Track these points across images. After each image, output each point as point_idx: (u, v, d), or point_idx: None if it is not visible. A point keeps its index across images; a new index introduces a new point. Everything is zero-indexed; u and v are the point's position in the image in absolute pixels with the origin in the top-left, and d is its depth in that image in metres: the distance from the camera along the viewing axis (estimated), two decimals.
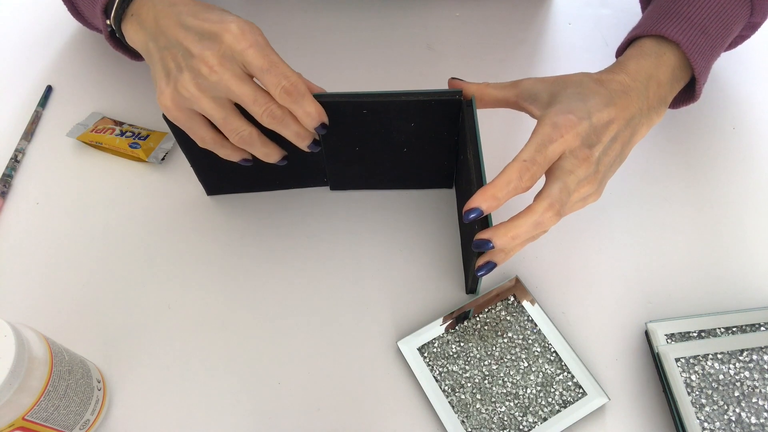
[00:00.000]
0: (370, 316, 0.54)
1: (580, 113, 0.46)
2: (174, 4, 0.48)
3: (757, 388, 0.48)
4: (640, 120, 0.49)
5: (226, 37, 0.45)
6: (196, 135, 0.49)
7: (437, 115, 0.52)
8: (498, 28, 0.73)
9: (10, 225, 0.60)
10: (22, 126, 0.66)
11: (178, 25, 0.47)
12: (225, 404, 0.50)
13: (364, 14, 0.75)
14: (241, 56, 0.45)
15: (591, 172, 0.46)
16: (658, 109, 0.50)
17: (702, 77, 0.52)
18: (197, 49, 0.45)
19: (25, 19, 0.76)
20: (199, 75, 0.45)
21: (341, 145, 0.55)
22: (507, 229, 0.44)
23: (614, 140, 0.47)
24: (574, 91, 0.48)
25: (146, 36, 0.49)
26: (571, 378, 0.50)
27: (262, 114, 0.47)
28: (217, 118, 0.47)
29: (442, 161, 0.57)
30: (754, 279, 0.55)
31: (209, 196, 0.61)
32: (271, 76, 0.45)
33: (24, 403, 0.41)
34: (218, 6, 0.49)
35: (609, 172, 0.48)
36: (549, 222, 0.45)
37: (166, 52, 0.47)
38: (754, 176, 0.61)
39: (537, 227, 0.45)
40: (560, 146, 0.45)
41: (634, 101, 0.48)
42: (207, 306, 0.55)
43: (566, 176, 0.45)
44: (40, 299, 0.55)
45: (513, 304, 0.53)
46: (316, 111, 0.48)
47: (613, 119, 0.47)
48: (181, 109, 0.47)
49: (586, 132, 0.45)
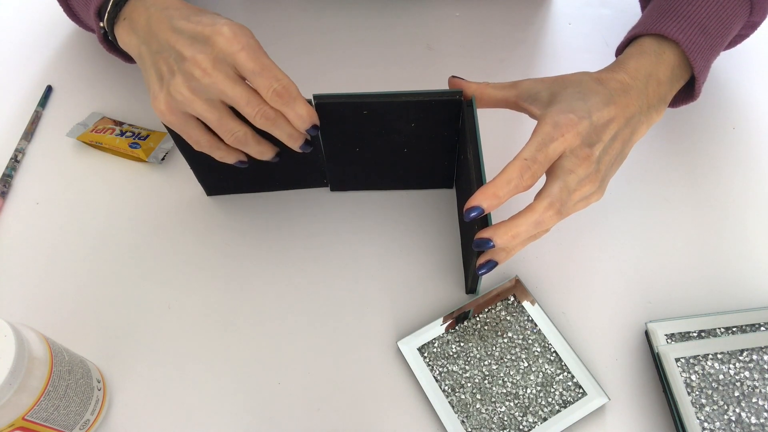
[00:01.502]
0: (370, 316, 0.54)
1: (580, 112, 0.46)
2: (166, 8, 0.48)
3: (757, 388, 0.48)
4: (640, 118, 0.49)
5: (218, 40, 0.45)
6: (191, 138, 0.49)
7: (437, 116, 0.52)
8: (498, 28, 0.73)
9: (10, 225, 0.60)
10: (22, 126, 0.66)
11: (170, 28, 0.47)
12: (225, 404, 0.50)
13: (363, 14, 0.75)
14: (232, 59, 0.45)
15: (592, 171, 0.46)
16: (657, 107, 0.50)
17: (701, 76, 0.52)
18: (189, 52, 0.45)
19: (24, 19, 0.76)
20: (192, 78, 0.45)
21: (341, 146, 0.55)
22: (507, 228, 0.44)
23: (614, 139, 0.47)
24: (574, 91, 0.48)
25: (138, 40, 0.49)
26: (571, 378, 0.50)
27: (255, 115, 0.47)
28: (212, 119, 0.47)
29: (443, 161, 0.57)
30: (754, 279, 0.55)
31: (209, 196, 0.61)
32: (263, 78, 0.45)
33: (24, 403, 0.41)
34: (210, 9, 0.49)
35: (610, 171, 0.48)
36: (549, 221, 0.45)
37: (158, 56, 0.47)
38: (754, 176, 0.61)
39: (537, 226, 0.45)
40: (561, 145, 0.45)
41: (634, 100, 0.48)
42: (207, 306, 0.55)
43: (566, 175, 0.45)
44: (40, 299, 0.55)
45: (513, 304, 0.53)
46: (307, 113, 0.48)
47: (613, 118, 0.47)
48: (175, 113, 0.48)
49: (587, 131, 0.45)
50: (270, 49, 0.70)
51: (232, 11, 0.75)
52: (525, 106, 0.50)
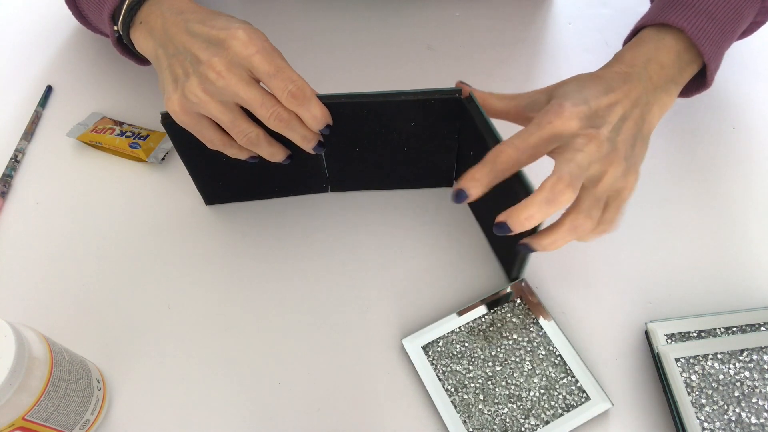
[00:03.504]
0: (374, 313, 0.54)
1: (575, 100, 0.45)
2: (182, 12, 0.49)
3: (757, 388, 0.48)
4: (648, 99, 0.48)
5: (233, 44, 0.46)
6: (205, 137, 0.50)
7: (437, 114, 0.52)
8: (498, 28, 0.73)
9: (10, 225, 0.60)
10: (22, 126, 0.66)
11: (186, 32, 0.48)
12: (225, 404, 0.50)
13: (364, 14, 0.75)
14: (248, 62, 0.46)
15: (607, 151, 0.45)
16: (667, 89, 0.49)
17: (712, 62, 0.51)
18: (205, 55, 0.46)
19: (25, 19, 0.76)
20: (207, 80, 0.46)
21: (342, 146, 0.55)
22: (519, 210, 0.44)
23: (625, 119, 0.46)
24: (570, 87, 0.47)
25: (155, 43, 0.50)
26: (575, 382, 0.50)
27: (269, 117, 0.47)
28: (225, 121, 0.48)
29: (443, 160, 0.57)
30: (754, 279, 0.55)
31: (207, 205, 0.61)
32: (278, 80, 0.46)
33: (24, 403, 0.41)
34: (224, 12, 0.50)
35: (635, 153, 0.47)
36: (562, 196, 0.43)
37: (174, 59, 0.48)
38: (754, 176, 0.61)
39: (550, 204, 0.43)
40: (552, 128, 0.45)
41: (636, 84, 0.47)
42: (207, 306, 0.55)
43: (572, 153, 0.44)
44: (40, 299, 0.55)
45: (519, 306, 0.53)
46: (321, 114, 0.48)
47: (615, 102, 0.46)
48: (189, 113, 0.48)
49: (586, 114, 0.45)
50: None
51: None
52: (526, 115, 0.50)
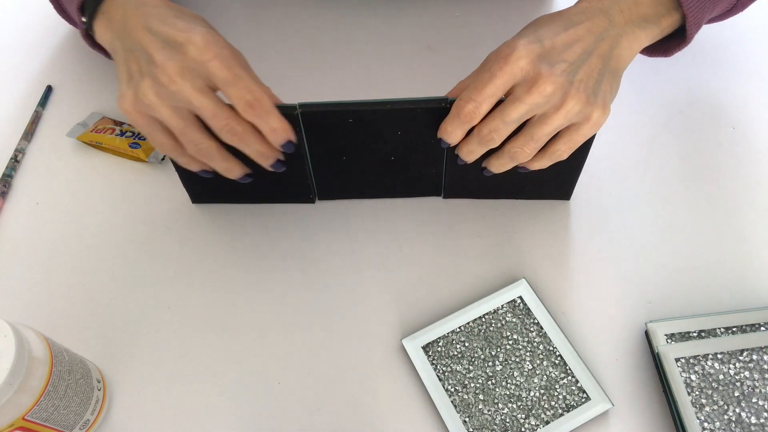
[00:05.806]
0: (374, 313, 0.54)
1: (529, 39, 0.44)
2: (143, 5, 0.47)
3: (757, 388, 0.48)
4: (617, 32, 0.46)
5: (189, 48, 0.44)
6: (155, 141, 0.48)
7: (424, 123, 0.51)
8: (498, 28, 0.73)
9: (10, 225, 0.60)
10: (22, 126, 0.66)
11: (145, 28, 0.46)
12: (225, 404, 0.50)
13: (363, 14, 0.74)
14: (204, 68, 0.44)
15: (562, 89, 0.44)
16: (642, 25, 0.47)
17: (691, 14, 0.48)
18: (160, 57, 0.44)
19: (24, 19, 0.76)
20: (159, 83, 0.44)
21: (328, 155, 0.54)
22: (461, 147, 0.48)
23: (589, 55, 0.45)
24: (529, 27, 0.46)
25: (113, 35, 0.48)
26: (575, 382, 0.50)
27: (221, 129, 0.45)
28: (176, 127, 0.46)
29: (431, 169, 0.56)
30: (754, 279, 0.55)
31: (194, 203, 0.60)
32: (235, 89, 0.44)
33: (24, 403, 0.41)
34: (189, 11, 0.48)
35: (599, 87, 0.45)
36: (500, 140, 0.46)
37: (130, 54, 0.46)
38: (754, 176, 0.61)
39: (482, 144, 0.47)
40: (503, 74, 0.44)
41: (601, 18, 0.46)
42: (207, 305, 0.55)
43: (522, 94, 0.44)
44: (40, 299, 0.55)
45: (519, 306, 0.53)
46: (281, 127, 0.45)
47: (575, 40, 0.45)
48: (141, 114, 0.46)
49: (538, 54, 0.44)
50: (269, 49, 0.71)
51: (232, 11, 0.75)
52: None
